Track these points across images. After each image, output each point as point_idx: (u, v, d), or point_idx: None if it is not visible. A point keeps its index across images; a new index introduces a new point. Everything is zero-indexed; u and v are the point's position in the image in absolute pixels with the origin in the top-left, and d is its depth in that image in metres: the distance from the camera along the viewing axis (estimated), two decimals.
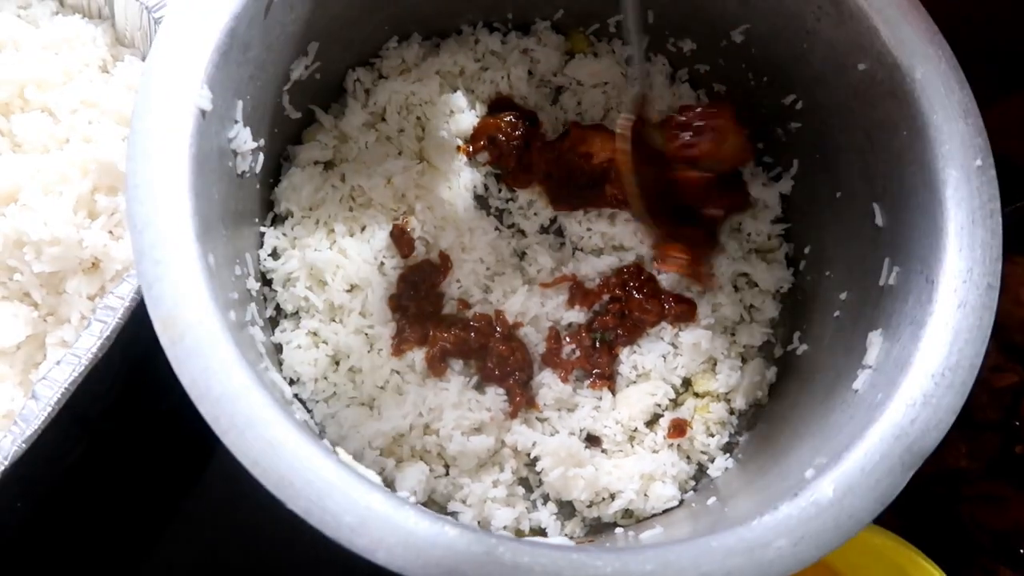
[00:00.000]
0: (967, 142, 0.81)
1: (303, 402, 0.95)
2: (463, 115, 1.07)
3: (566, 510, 0.97)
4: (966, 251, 0.77)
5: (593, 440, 1.00)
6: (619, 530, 0.95)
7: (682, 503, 0.97)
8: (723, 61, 1.08)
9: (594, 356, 1.02)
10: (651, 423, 1.01)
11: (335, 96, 1.08)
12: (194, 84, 0.75)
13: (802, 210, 1.07)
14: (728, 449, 1.02)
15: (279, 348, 0.96)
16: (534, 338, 1.02)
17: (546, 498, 0.97)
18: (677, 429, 0.99)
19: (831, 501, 0.69)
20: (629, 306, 1.03)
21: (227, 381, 0.67)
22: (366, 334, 0.97)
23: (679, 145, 1.02)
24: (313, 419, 0.94)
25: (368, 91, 1.08)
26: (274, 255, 0.99)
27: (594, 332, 1.03)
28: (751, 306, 1.07)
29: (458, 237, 1.03)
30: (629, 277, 1.04)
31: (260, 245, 0.98)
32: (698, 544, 0.67)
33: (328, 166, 1.04)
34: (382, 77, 1.09)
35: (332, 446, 0.88)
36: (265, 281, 0.98)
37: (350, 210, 1.01)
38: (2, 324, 0.93)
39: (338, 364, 0.96)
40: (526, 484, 0.98)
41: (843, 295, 0.95)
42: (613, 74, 1.12)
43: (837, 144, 0.96)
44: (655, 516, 0.96)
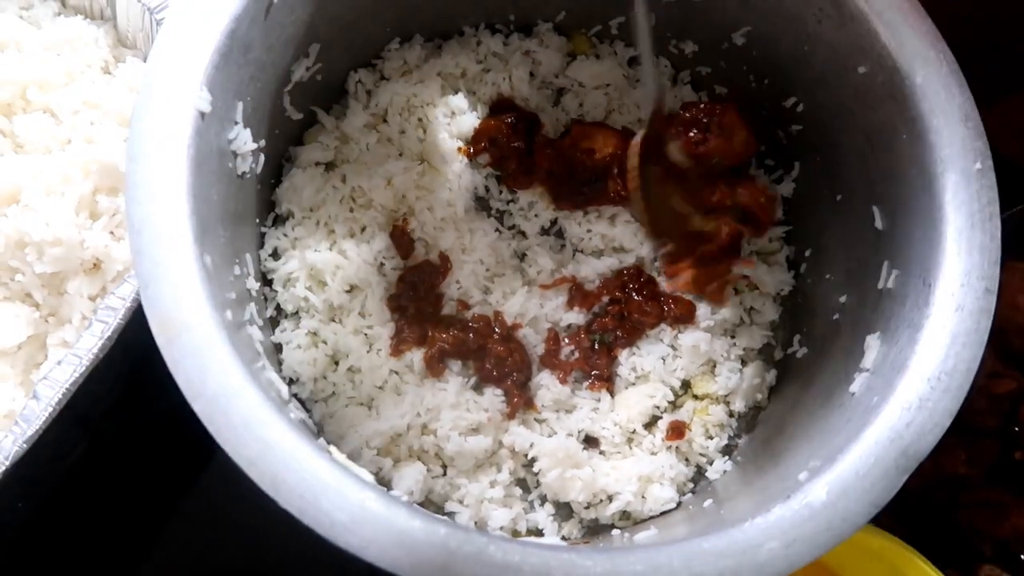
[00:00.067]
0: (967, 145, 0.81)
1: (302, 402, 0.95)
2: (464, 117, 1.07)
3: (563, 511, 0.97)
4: (964, 254, 0.77)
5: (591, 441, 1.00)
6: (616, 532, 0.95)
7: (680, 505, 0.97)
8: (724, 63, 1.08)
9: (593, 358, 1.02)
10: (650, 425, 1.01)
11: (336, 97, 1.08)
12: (193, 85, 0.76)
13: (803, 213, 1.07)
14: (727, 452, 1.02)
15: (279, 348, 0.96)
16: (533, 339, 1.02)
17: (543, 499, 0.97)
18: (676, 431, 0.99)
19: (825, 503, 0.69)
20: (628, 308, 1.03)
21: (222, 380, 0.67)
22: (365, 334, 0.97)
23: (689, 142, 1.02)
24: (312, 419, 0.94)
25: (370, 92, 1.08)
26: (275, 255, 0.99)
27: (593, 334, 1.03)
28: (751, 308, 1.07)
29: (458, 238, 1.03)
30: (629, 279, 1.04)
31: (260, 245, 0.99)
32: (690, 545, 0.67)
33: (329, 167, 1.05)
34: (384, 78, 1.09)
35: (328, 445, 0.88)
36: (265, 281, 0.98)
37: (351, 211, 1.02)
38: (3, 324, 0.94)
39: (337, 364, 0.96)
40: (523, 485, 0.98)
41: (842, 298, 0.95)
42: (615, 76, 1.12)
43: (837, 147, 0.96)
44: (652, 518, 0.96)
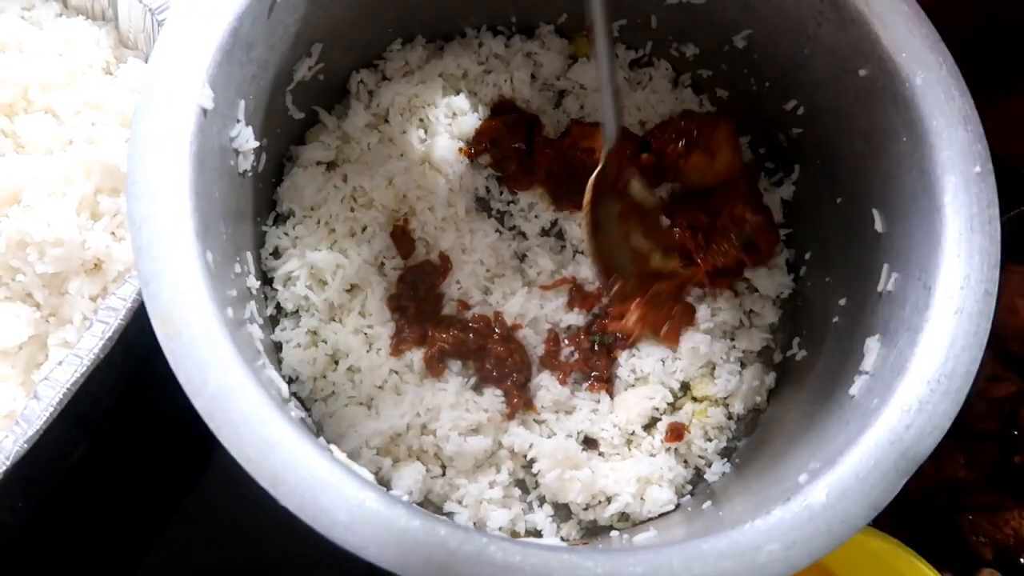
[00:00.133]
0: (966, 148, 0.81)
1: (301, 401, 0.95)
2: (465, 117, 1.07)
3: (562, 512, 0.97)
4: (964, 257, 0.77)
5: (590, 443, 1.00)
6: (614, 533, 0.94)
7: (678, 507, 0.97)
8: (725, 66, 1.08)
9: (593, 359, 1.02)
10: (649, 427, 1.01)
11: (338, 97, 1.09)
12: (196, 82, 0.76)
13: (803, 216, 1.07)
14: (726, 454, 1.02)
15: (278, 346, 0.96)
16: (533, 340, 1.02)
17: (542, 500, 0.97)
18: (675, 433, 0.99)
19: (824, 506, 0.69)
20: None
21: (223, 377, 0.67)
22: (365, 334, 0.97)
23: (673, 151, 1.03)
24: (311, 417, 0.94)
25: (371, 92, 1.08)
26: (275, 254, 0.99)
27: (593, 335, 1.03)
28: (751, 311, 1.07)
29: (458, 238, 1.03)
30: None
31: (261, 244, 0.99)
32: (690, 547, 0.67)
33: (330, 167, 1.05)
34: (385, 79, 1.09)
35: (329, 444, 0.88)
36: (266, 280, 0.99)
37: (351, 210, 1.02)
38: (4, 325, 0.94)
39: (337, 363, 0.96)
40: (522, 486, 0.98)
41: (842, 301, 0.95)
42: (616, 79, 1.12)
43: (838, 149, 0.96)
44: (651, 520, 0.96)
